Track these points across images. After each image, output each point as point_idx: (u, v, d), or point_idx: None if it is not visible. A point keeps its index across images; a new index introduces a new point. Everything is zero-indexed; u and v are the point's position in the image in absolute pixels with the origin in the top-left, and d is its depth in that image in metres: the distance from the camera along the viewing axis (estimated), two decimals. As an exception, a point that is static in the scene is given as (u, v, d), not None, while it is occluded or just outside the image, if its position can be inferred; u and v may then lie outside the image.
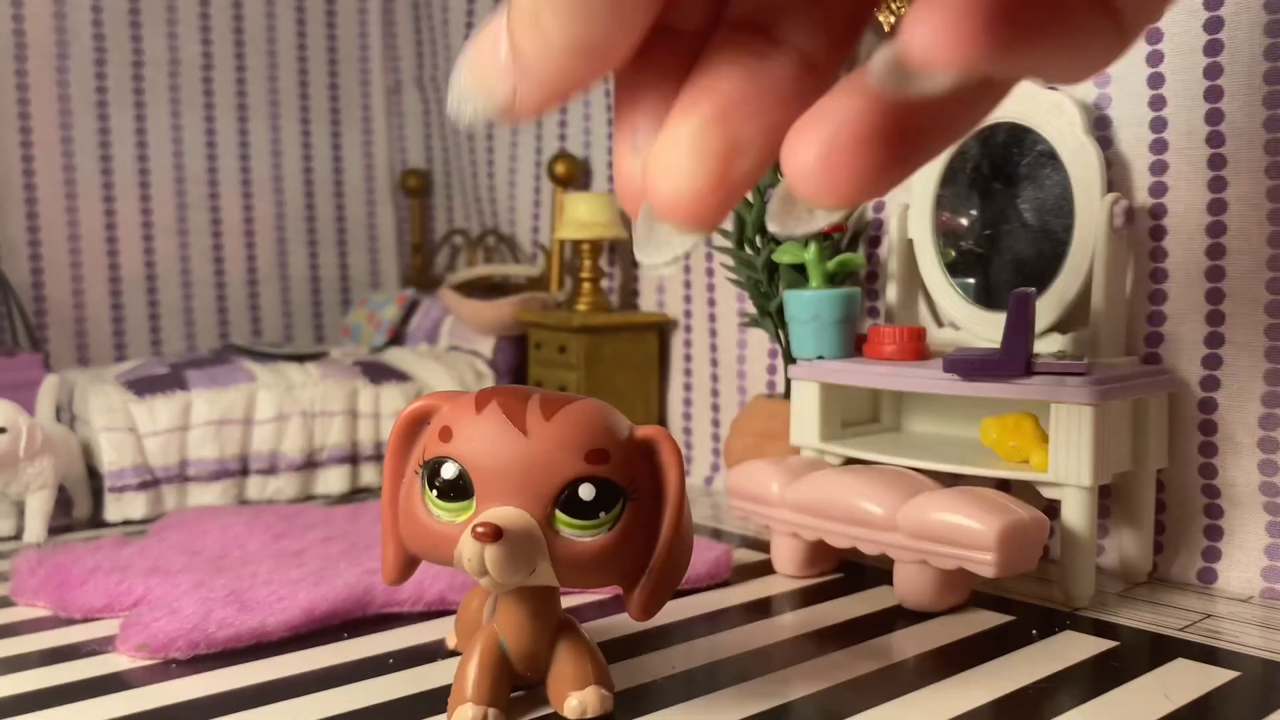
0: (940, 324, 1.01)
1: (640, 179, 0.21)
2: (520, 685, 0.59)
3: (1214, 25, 0.80)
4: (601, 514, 0.48)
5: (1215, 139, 0.81)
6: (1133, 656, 0.68)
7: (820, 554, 0.86)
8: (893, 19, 0.99)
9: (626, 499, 0.49)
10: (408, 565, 0.54)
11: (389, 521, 0.53)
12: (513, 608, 0.55)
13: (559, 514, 0.48)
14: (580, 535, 0.48)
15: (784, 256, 1.01)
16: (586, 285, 1.37)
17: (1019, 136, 0.92)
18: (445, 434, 0.50)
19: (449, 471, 0.48)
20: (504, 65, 0.27)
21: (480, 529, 0.46)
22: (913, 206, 1.00)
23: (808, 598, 0.81)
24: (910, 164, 0.21)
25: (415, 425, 0.52)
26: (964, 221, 0.97)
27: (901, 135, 0.20)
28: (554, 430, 0.48)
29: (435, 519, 0.49)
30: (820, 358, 0.98)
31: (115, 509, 1.12)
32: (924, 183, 0.99)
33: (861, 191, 0.20)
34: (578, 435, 0.48)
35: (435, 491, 0.49)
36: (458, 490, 0.48)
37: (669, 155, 0.21)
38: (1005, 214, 0.95)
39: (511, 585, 0.49)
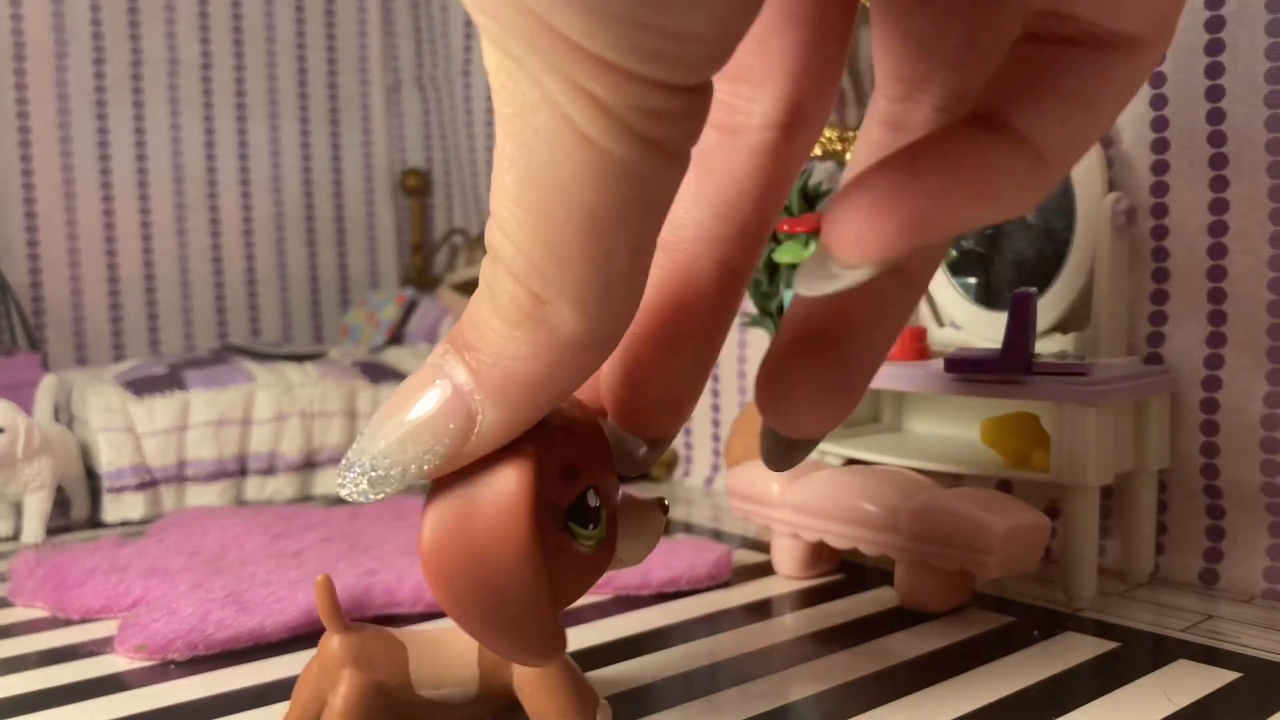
0: (941, 324, 1.01)
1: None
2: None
3: (1215, 24, 0.80)
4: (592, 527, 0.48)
5: (1217, 138, 0.81)
6: (1134, 657, 0.68)
7: (821, 555, 0.86)
8: None
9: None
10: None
11: (548, 602, 0.40)
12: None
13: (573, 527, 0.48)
14: (584, 546, 0.47)
15: (784, 256, 1.00)
16: (586, 285, 1.37)
17: (1020, 136, 0.92)
18: (570, 473, 0.44)
19: (593, 499, 0.41)
20: (452, 401, 0.27)
21: (665, 503, 0.45)
22: (913, 206, 0.99)
23: (808, 598, 0.81)
24: (931, 234, 0.22)
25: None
26: (965, 221, 0.97)
27: (936, 201, 0.21)
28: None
29: (588, 548, 0.41)
30: (820, 358, 0.97)
31: (113, 509, 1.12)
32: (924, 182, 0.98)
33: (891, 253, 0.22)
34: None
35: (589, 524, 0.41)
36: (595, 517, 0.44)
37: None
38: (1006, 214, 0.94)
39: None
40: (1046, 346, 0.88)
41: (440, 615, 0.77)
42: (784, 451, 0.33)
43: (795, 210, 0.99)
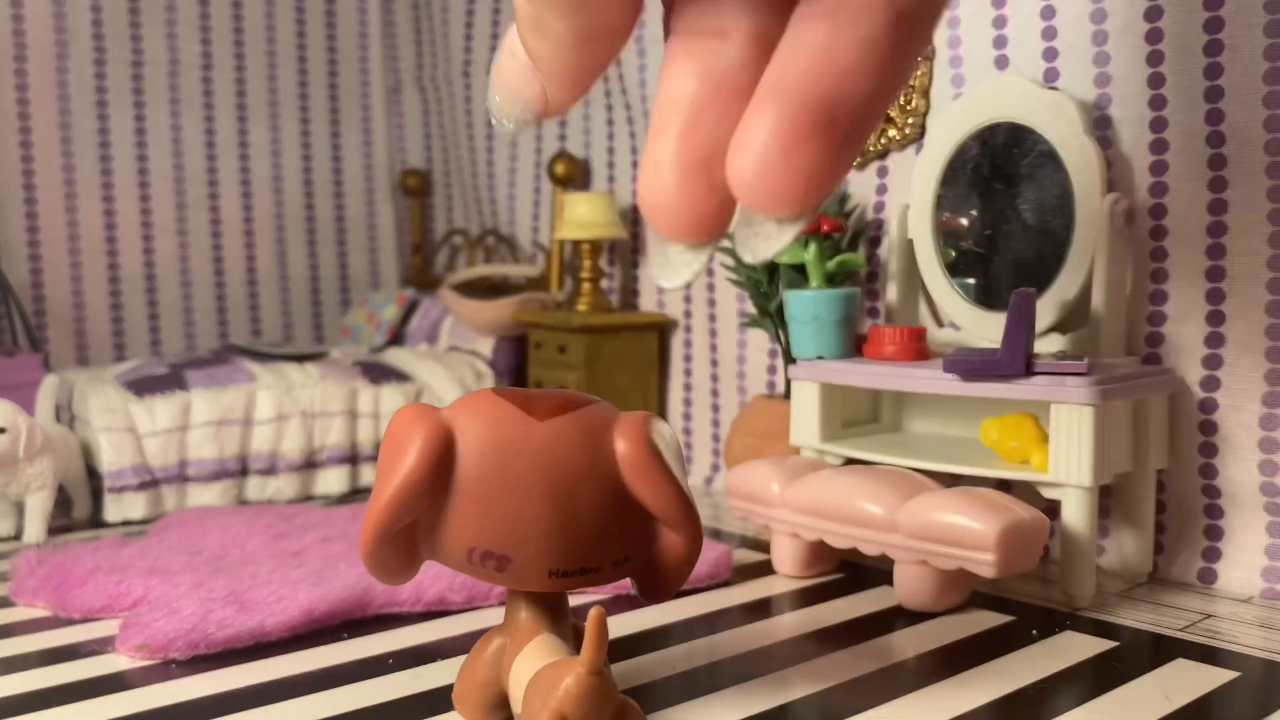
0: (940, 324, 1.01)
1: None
2: None
3: (1214, 25, 0.80)
4: None
5: (1215, 139, 0.81)
6: (1133, 657, 0.68)
7: (820, 554, 0.86)
8: None
9: None
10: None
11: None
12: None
13: None
14: None
15: (784, 256, 1.01)
16: (586, 285, 1.37)
17: (1019, 137, 0.92)
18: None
19: None
20: (527, 72, 0.27)
21: None
22: (913, 207, 1.00)
23: (808, 598, 0.81)
24: (849, 151, 0.20)
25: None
26: (964, 221, 0.97)
27: (831, 125, 0.20)
28: None
29: None
30: (820, 358, 0.98)
31: (115, 509, 1.12)
32: (924, 183, 0.99)
33: (809, 191, 0.20)
34: None
35: None
36: None
37: (656, 177, 0.22)
38: (1005, 214, 0.94)
39: None
40: (1045, 346, 0.88)
41: (439, 616, 0.77)
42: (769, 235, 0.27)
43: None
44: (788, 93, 0.20)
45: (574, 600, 0.78)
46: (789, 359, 1.06)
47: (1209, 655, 0.68)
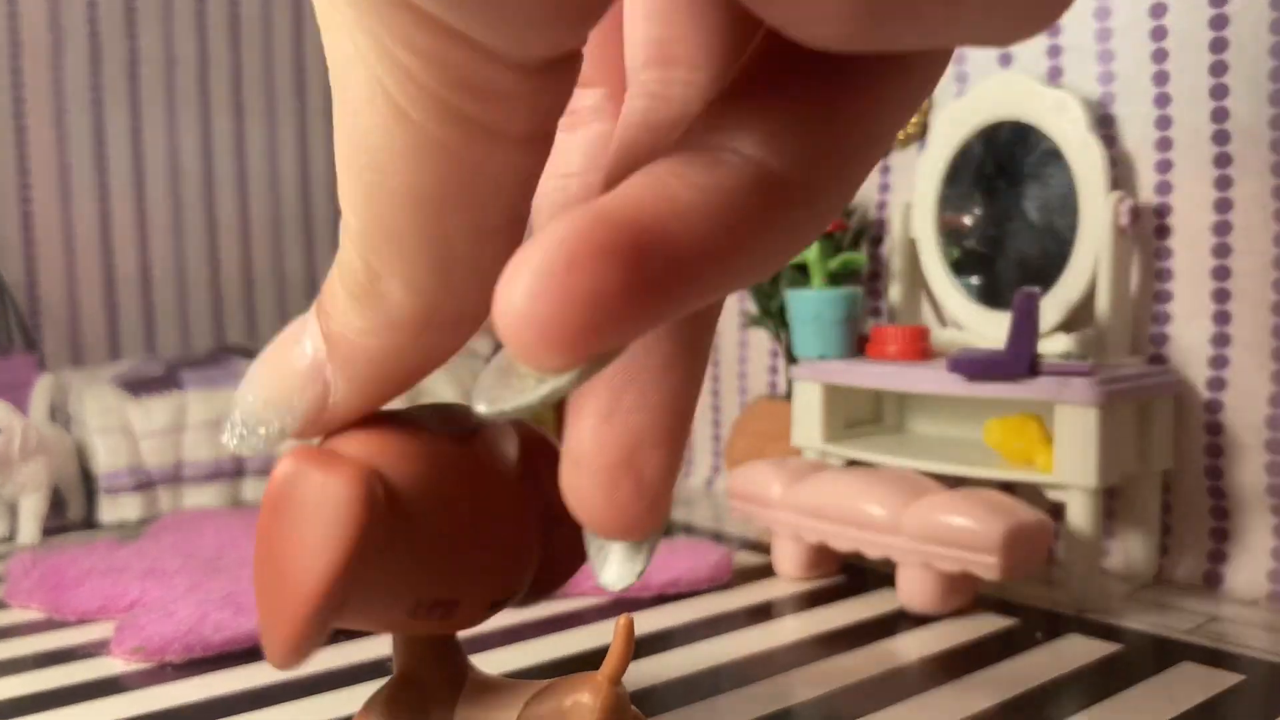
0: (944, 324, 1.00)
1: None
2: None
3: (1219, 22, 0.80)
4: None
5: (1221, 137, 0.80)
6: (1138, 659, 0.68)
7: (822, 557, 0.86)
8: None
9: None
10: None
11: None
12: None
13: None
14: None
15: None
16: (585, 285, 1.36)
17: (1022, 135, 0.91)
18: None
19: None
20: (312, 366, 0.23)
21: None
22: (915, 205, 0.99)
23: (810, 601, 0.81)
24: (654, 302, 0.15)
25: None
26: (967, 220, 0.97)
27: (641, 254, 0.15)
28: None
29: None
30: (822, 358, 0.97)
31: (109, 510, 1.11)
32: (927, 181, 0.98)
33: (590, 338, 0.14)
34: None
35: None
36: None
37: (574, 477, 0.19)
38: (1009, 213, 0.94)
39: None
40: (1050, 347, 0.88)
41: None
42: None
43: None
44: (594, 208, 0.15)
45: (578, 604, 0.78)
46: (790, 359, 1.06)
47: (1215, 658, 0.67)
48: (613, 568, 0.20)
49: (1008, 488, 0.90)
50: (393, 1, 0.15)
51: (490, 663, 0.67)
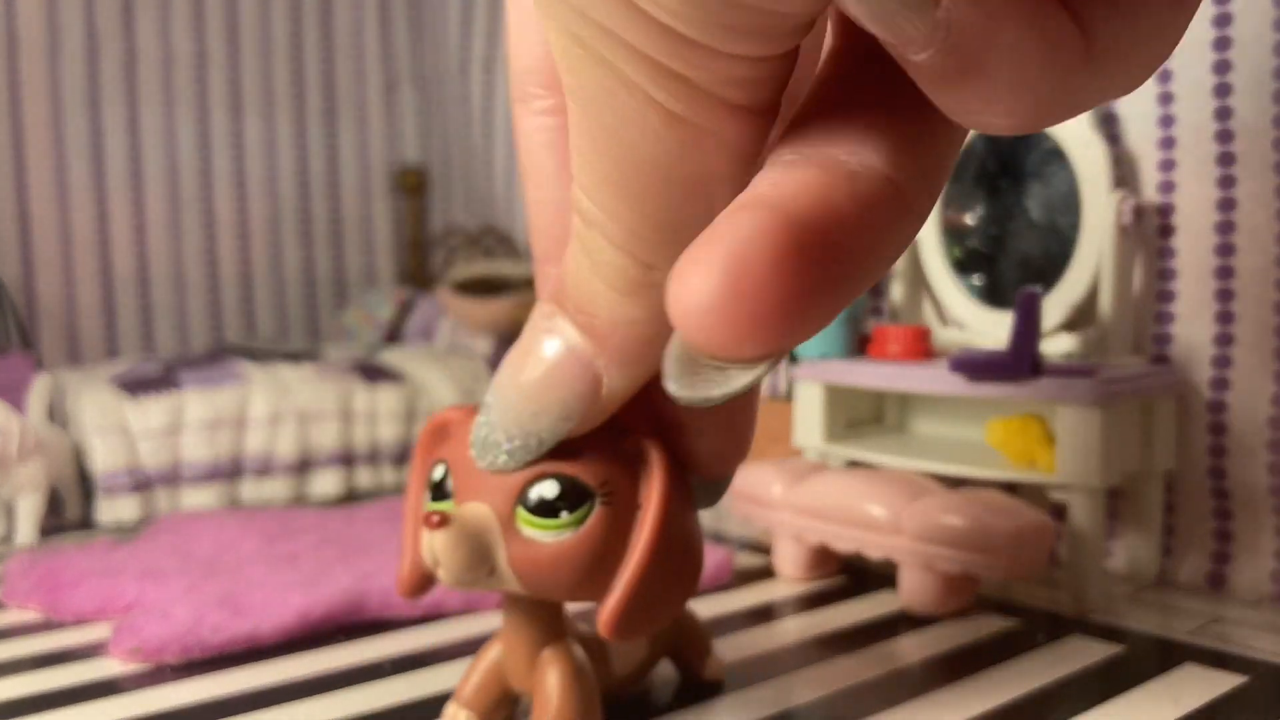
0: (945, 323, 1.00)
1: None
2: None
3: (1223, 20, 0.79)
4: (564, 514, 0.44)
5: (1224, 136, 0.80)
6: (1141, 661, 0.67)
7: (823, 557, 0.85)
8: None
9: (596, 501, 0.44)
10: (422, 580, 0.51)
11: (409, 534, 0.50)
12: (507, 617, 0.53)
13: (519, 510, 0.44)
14: (540, 535, 0.44)
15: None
16: (585, 284, 1.36)
17: (1024, 134, 0.91)
18: (441, 436, 0.49)
19: (437, 473, 0.46)
20: (578, 361, 0.26)
21: (430, 516, 0.43)
22: (916, 205, 0.99)
23: (811, 601, 0.80)
24: (841, 292, 0.17)
25: (435, 436, 0.49)
26: (969, 219, 0.96)
27: (824, 252, 0.17)
28: None
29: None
30: (824, 358, 0.97)
31: (107, 511, 1.11)
32: (927, 181, 0.98)
33: (782, 331, 0.16)
34: None
35: (430, 494, 0.46)
36: (443, 491, 0.46)
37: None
38: (1011, 212, 0.94)
39: (464, 583, 0.46)
40: (1053, 346, 0.87)
41: (435, 620, 0.76)
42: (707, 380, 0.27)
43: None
44: (772, 209, 0.17)
45: (583, 606, 0.77)
46: (792, 359, 1.06)
47: (1218, 659, 0.67)
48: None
49: (1010, 488, 0.89)
50: (672, 36, 0.17)
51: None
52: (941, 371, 0.84)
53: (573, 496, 0.44)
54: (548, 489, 0.43)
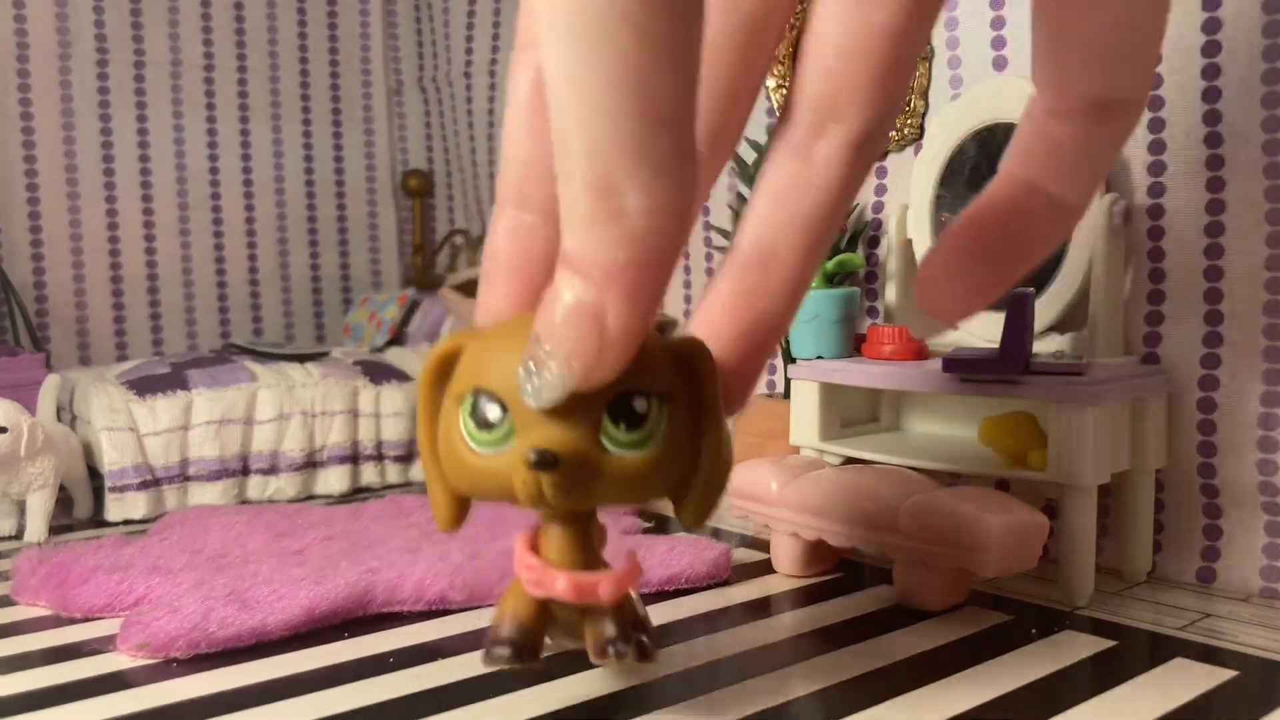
0: (940, 324, 1.01)
1: None
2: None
3: (1212, 26, 0.80)
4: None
5: (1213, 139, 0.81)
6: (1132, 656, 0.68)
7: (819, 553, 0.86)
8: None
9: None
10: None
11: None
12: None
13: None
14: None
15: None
16: (587, 285, 1.37)
17: (1018, 137, 0.92)
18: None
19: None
20: (576, 310, 0.30)
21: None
22: (912, 207, 1.00)
23: (807, 597, 0.81)
24: (1002, 279, 0.29)
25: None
26: (963, 222, 0.98)
27: (987, 254, 0.29)
28: None
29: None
30: (820, 357, 0.98)
31: (116, 509, 1.12)
32: (923, 183, 0.99)
33: (959, 307, 0.28)
34: None
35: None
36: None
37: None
38: (1004, 214, 0.95)
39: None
40: (1044, 346, 0.88)
41: (440, 615, 0.77)
42: (933, 326, 0.41)
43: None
44: (962, 220, 0.34)
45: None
46: (788, 359, 1.07)
47: (1208, 654, 0.68)
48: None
49: (1002, 485, 0.90)
50: None
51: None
52: (935, 371, 0.85)
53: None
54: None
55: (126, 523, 1.12)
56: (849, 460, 0.93)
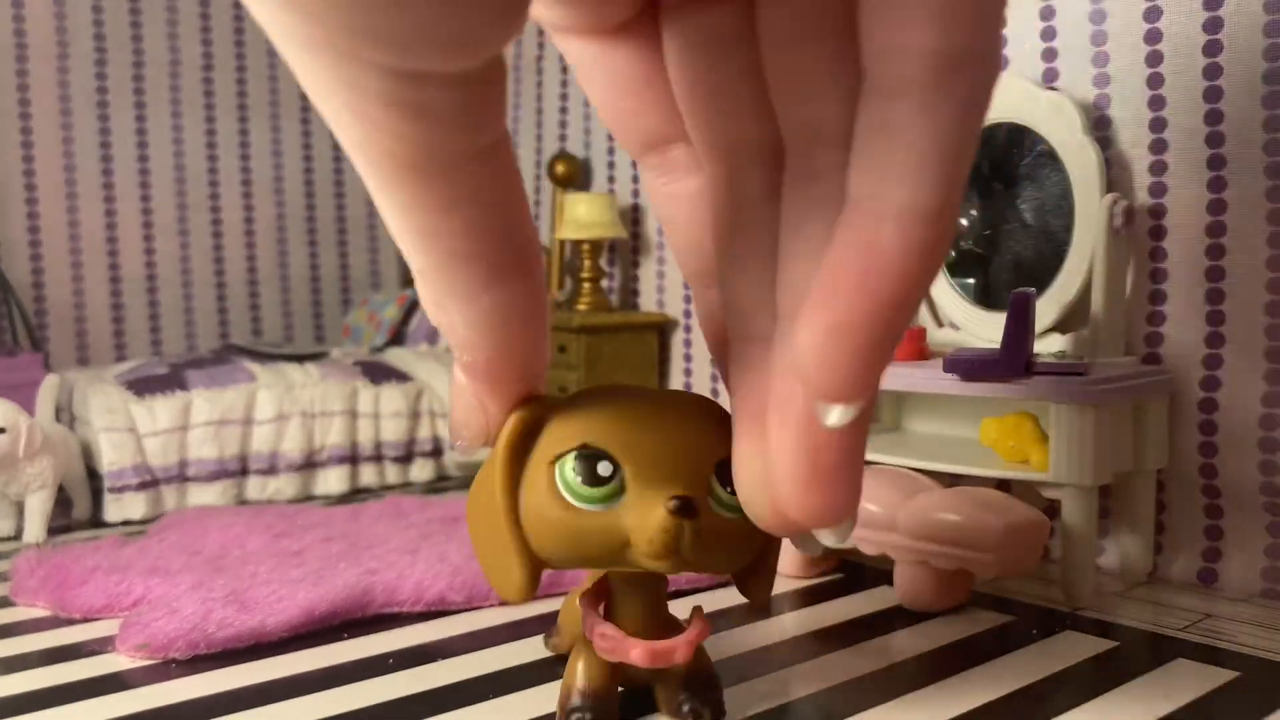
0: (940, 324, 1.01)
1: None
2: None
3: (1213, 25, 0.80)
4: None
5: (1215, 139, 0.81)
6: (1133, 656, 0.68)
7: (821, 555, 0.86)
8: None
9: None
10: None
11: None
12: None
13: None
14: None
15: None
16: (586, 285, 1.37)
17: (1018, 137, 0.92)
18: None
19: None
20: (469, 396, 0.31)
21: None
22: (913, 207, 0.99)
23: (808, 598, 0.81)
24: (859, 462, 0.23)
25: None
26: (964, 222, 0.97)
27: (854, 448, 0.22)
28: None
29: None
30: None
31: (115, 509, 1.12)
32: (924, 183, 0.99)
33: (850, 504, 0.23)
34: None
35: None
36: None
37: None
38: (1005, 214, 0.95)
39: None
40: (1045, 346, 0.88)
41: (439, 616, 0.77)
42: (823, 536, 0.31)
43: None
44: (803, 416, 0.24)
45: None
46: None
47: (1209, 655, 0.68)
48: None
49: (1003, 486, 0.90)
50: (356, 61, 0.20)
51: (500, 654, 0.67)
52: (936, 371, 0.85)
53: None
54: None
55: (125, 523, 1.12)
56: (849, 461, 0.93)
